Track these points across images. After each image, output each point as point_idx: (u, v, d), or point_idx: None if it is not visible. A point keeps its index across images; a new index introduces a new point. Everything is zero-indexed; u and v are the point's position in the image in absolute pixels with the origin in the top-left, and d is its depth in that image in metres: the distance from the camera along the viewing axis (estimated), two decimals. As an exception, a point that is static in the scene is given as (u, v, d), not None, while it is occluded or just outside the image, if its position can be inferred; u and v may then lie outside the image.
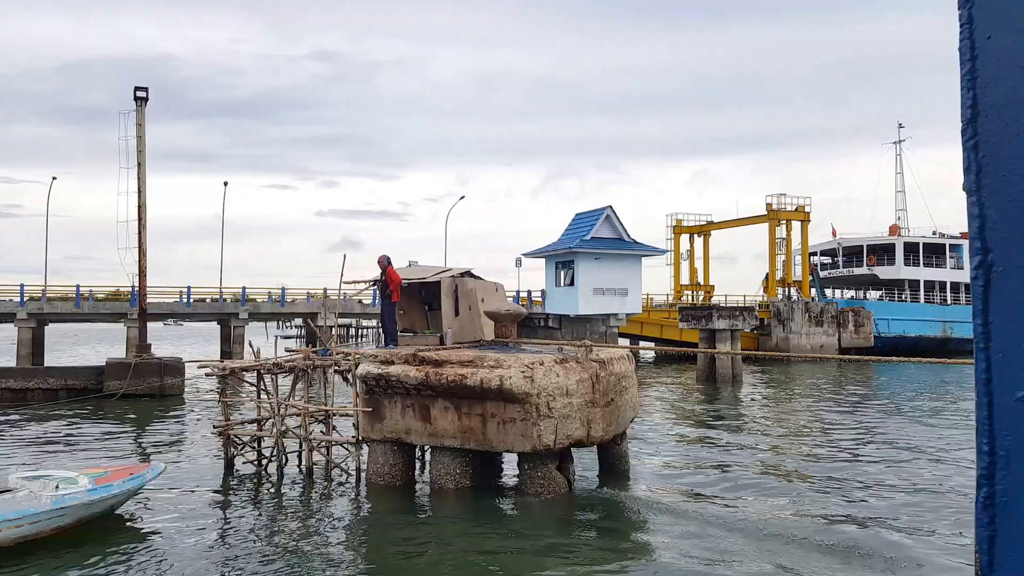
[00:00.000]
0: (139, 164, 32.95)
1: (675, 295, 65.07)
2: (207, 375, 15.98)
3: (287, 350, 18.23)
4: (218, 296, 50.14)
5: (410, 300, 17.06)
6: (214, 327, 66.09)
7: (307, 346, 29.96)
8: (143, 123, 33.26)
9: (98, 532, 11.36)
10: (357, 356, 14.66)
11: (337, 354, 15.67)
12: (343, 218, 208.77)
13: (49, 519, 10.58)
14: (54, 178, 54.62)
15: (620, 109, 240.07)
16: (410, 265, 16.94)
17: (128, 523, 12.10)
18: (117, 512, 12.20)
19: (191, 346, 64.73)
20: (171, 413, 26.19)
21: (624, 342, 44.22)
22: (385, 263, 15.38)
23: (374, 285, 17.24)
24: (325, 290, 48.49)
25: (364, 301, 49.15)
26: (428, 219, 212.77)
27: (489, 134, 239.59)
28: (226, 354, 49.90)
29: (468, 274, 16.72)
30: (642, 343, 48.06)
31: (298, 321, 74.39)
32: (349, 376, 15.00)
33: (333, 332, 17.88)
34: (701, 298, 63.84)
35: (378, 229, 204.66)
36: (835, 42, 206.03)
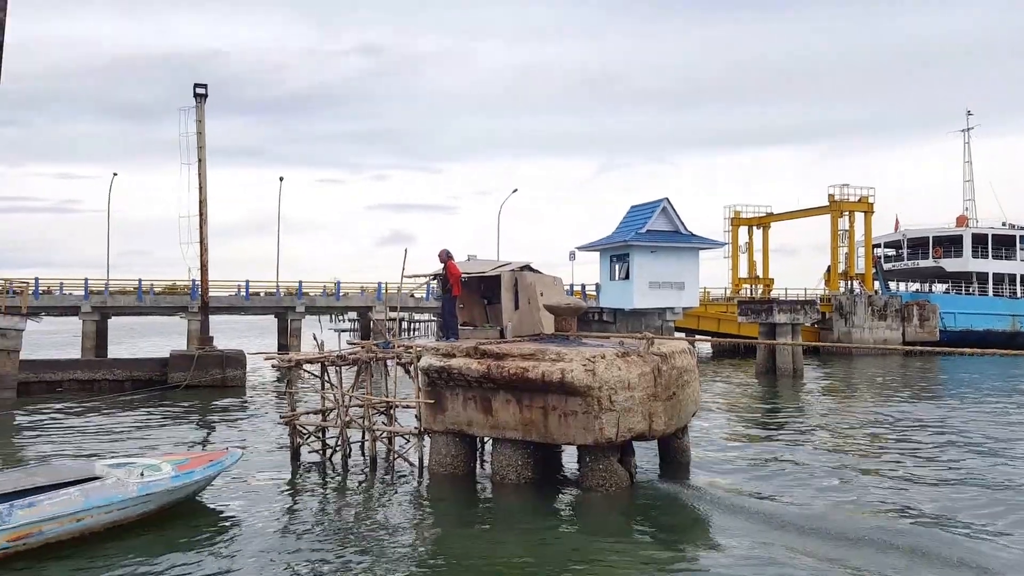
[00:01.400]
0: (200, 160, 33.56)
1: (733, 288, 64.19)
2: (273, 367, 16.18)
3: (349, 343, 18.36)
4: (274, 290, 50.91)
5: (469, 294, 17.04)
6: (269, 320, 67.35)
7: (362, 339, 30.37)
8: (203, 119, 33.88)
9: (181, 518, 11.64)
10: (419, 349, 14.68)
11: (398, 347, 15.72)
12: (393, 212, 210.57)
13: (136, 505, 10.87)
14: (115, 174, 56.10)
15: (670, 101, 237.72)
16: (469, 259, 16.95)
17: (208, 509, 12.38)
18: (197, 498, 12.48)
19: (249, 339, 65.88)
20: (234, 404, 26.66)
21: (680, 336, 43.75)
22: (445, 257, 15.38)
23: (434, 279, 17.27)
24: (384, 284, 49.02)
25: (416, 295, 49.58)
26: (478, 212, 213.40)
27: (537, 127, 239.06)
28: (283, 347, 50.72)
29: (527, 268, 16.64)
30: (701, 337, 47.51)
31: (352, 315, 75.41)
32: (411, 369, 15.05)
33: (396, 325, 17.97)
34: (760, 292, 62.89)
35: (428, 223, 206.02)
36: (895, 29, 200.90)
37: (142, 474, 11.18)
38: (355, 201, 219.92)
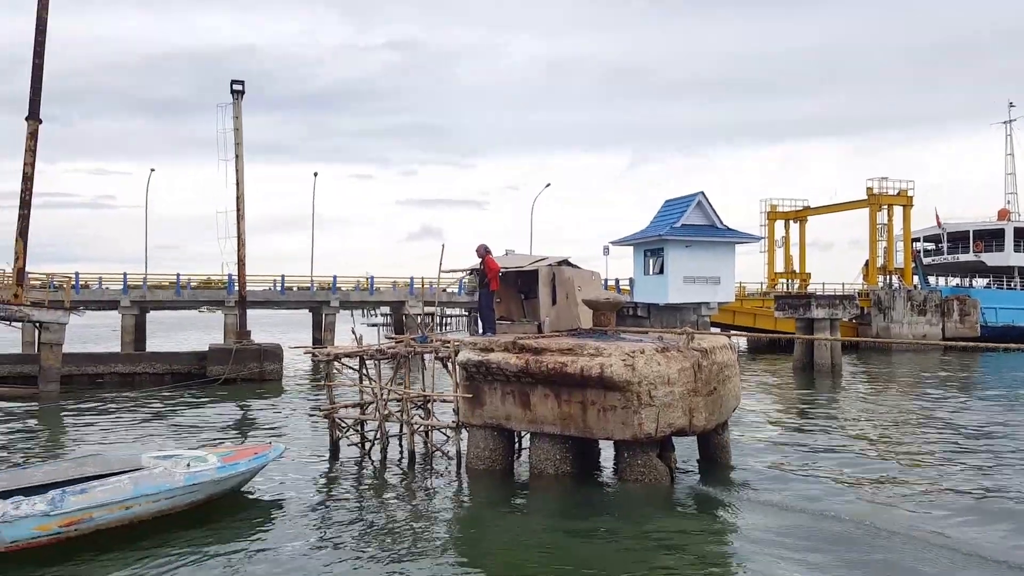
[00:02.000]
0: (237, 156, 33.92)
1: (769, 283, 63.54)
2: (313, 360, 16.28)
3: (387, 337, 18.46)
4: (307, 284, 51.22)
5: (506, 288, 17.01)
6: (302, 315, 67.80)
7: (395, 333, 30.59)
8: (240, 116, 34.23)
9: (227, 509, 11.79)
10: (457, 344, 14.70)
11: (436, 341, 15.76)
12: (422, 207, 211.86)
13: (183, 495, 11.02)
14: (152, 170, 56.88)
15: (703, 94, 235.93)
16: (506, 254, 16.92)
17: (252, 500, 12.53)
18: (241, 490, 12.63)
19: (283, 333, 66.46)
20: (272, 397, 26.97)
21: (715, 331, 43.38)
22: (483, 252, 15.37)
23: (471, 274, 17.27)
24: (420, 279, 49.24)
25: (448, 290, 49.67)
26: (507, 207, 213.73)
27: (568, 121, 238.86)
28: (318, 341, 51.13)
29: (565, 263, 16.58)
30: (744, 332, 47.07)
31: (384, 309, 75.77)
32: (448, 363, 15.09)
33: (433, 320, 18.04)
34: (796, 286, 62.18)
35: (457, 218, 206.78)
36: (932, 20, 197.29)
37: (188, 465, 11.33)
38: (384, 196, 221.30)
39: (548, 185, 60.37)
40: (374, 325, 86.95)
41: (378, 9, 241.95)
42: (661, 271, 39.81)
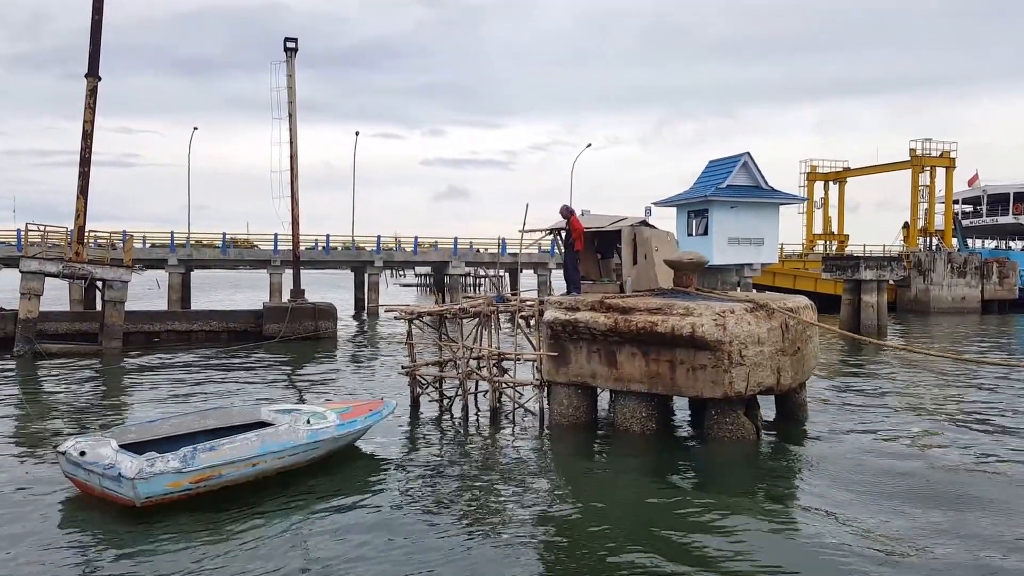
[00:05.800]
0: (290, 115, 34.08)
1: (807, 245, 63.25)
2: (395, 319, 16.64)
3: (464, 297, 18.77)
4: (348, 244, 51.57)
5: (584, 249, 17.23)
6: (338, 275, 68.27)
7: (437, 294, 31.00)
8: (293, 74, 34.32)
9: (340, 464, 12.13)
10: (542, 303, 14.99)
11: (517, 301, 16.06)
12: (448, 167, 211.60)
13: (305, 452, 11.36)
14: (195, 128, 57.05)
15: (740, 51, 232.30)
16: (583, 214, 17.09)
17: (358, 454, 12.87)
18: (355, 445, 12.98)
19: (323, 293, 67.01)
20: (330, 355, 27.47)
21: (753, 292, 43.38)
22: (568, 212, 15.57)
23: (549, 234, 17.50)
24: (503, 239, 49.56)
25: (491, 251, 50.10)
26: (534, 168, 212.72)
27: (598, 80, 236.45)
28: (360, 300, 51.74)
29: (643, 223, 16.76)
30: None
31: (421, 269, 76.19)
32: (531, 321, 15.37)
33: (518, 280, 18.27)
34: (835, 248, 61.85)
35: (483, 178, 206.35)
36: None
37: (308, 421, 11.66)
38: (411, 156, 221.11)
39: (589, 145, 60.35)
40: (406, 285, 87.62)
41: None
42: (705, 232, 39.68)
